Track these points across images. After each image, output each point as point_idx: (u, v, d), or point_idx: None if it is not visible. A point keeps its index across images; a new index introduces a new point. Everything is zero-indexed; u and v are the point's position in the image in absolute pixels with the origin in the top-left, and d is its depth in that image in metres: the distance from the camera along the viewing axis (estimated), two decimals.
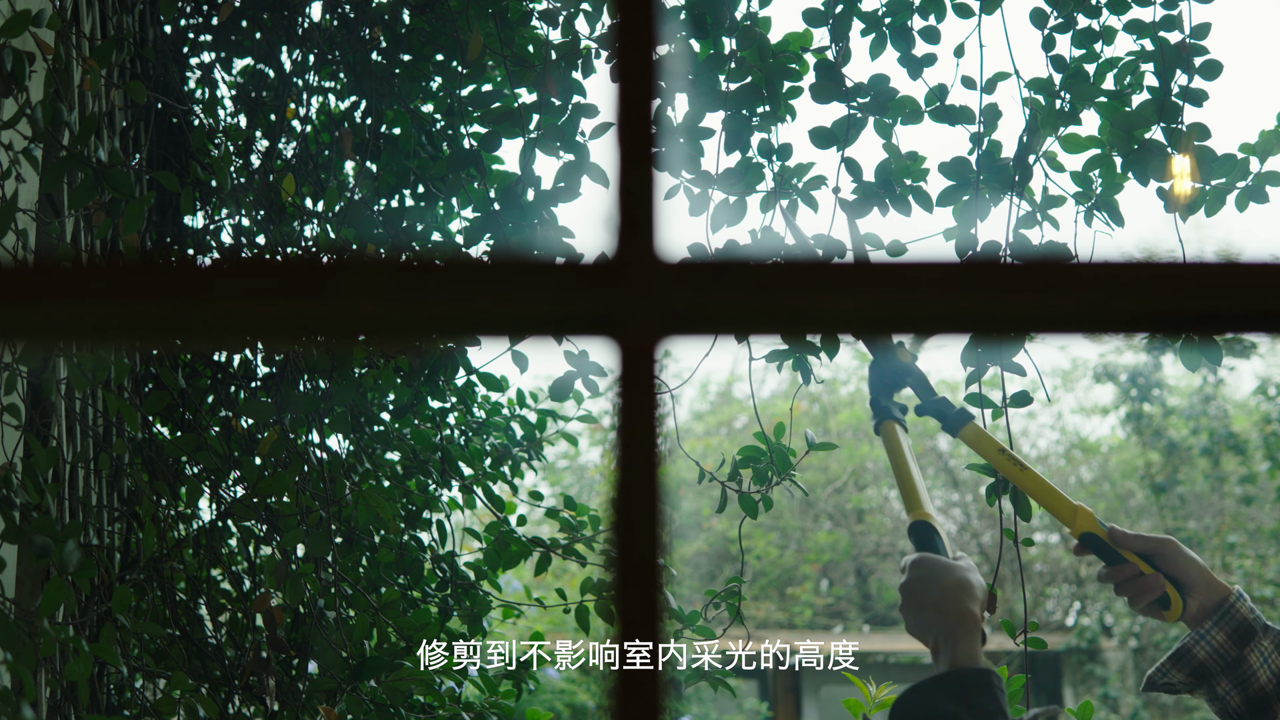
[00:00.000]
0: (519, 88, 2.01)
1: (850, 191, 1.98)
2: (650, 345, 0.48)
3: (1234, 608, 1.54)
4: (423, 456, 2.17)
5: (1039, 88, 1.98)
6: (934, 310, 0.50)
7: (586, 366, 2.02)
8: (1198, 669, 1.54)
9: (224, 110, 2.26)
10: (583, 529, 2.22)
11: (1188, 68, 1.91)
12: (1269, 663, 1.52)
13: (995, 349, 1.84)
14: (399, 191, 2.16)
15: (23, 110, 1.51)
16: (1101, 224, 1.97)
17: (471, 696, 2.10)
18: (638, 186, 0.49)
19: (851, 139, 1.98)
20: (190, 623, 1.94)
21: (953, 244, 1.98)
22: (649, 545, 0.47)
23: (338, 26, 2.12)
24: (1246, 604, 1.55)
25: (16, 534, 1.42)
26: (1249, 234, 12.49)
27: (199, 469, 1.95)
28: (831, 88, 1.98)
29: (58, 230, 1.72)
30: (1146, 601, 1.57)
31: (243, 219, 2.01)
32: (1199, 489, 10.83)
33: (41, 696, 1.60)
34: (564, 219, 2.02)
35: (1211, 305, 0.50)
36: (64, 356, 1.64)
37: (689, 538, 11.90)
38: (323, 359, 1.96)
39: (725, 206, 2.01)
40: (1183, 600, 1.56)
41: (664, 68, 1.95)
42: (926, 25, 2.02)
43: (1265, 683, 1.52)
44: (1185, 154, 1.91)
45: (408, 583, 2.13)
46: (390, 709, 1.86)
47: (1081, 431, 13.07)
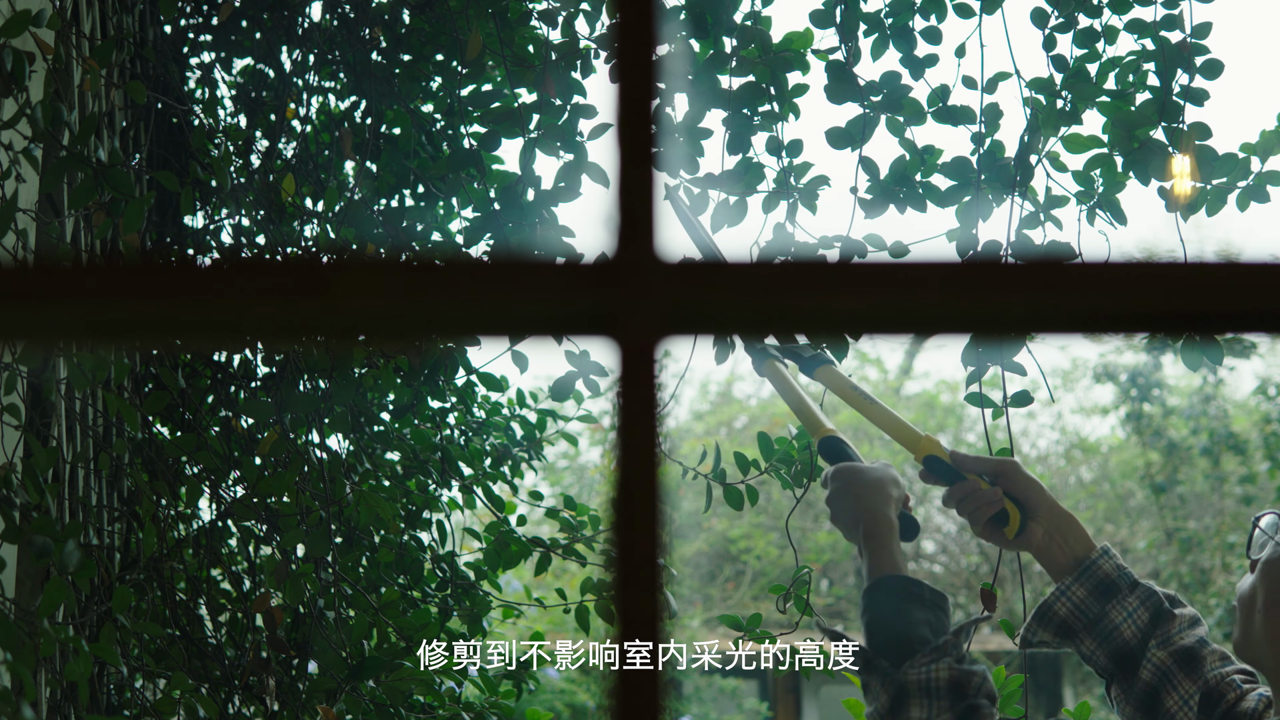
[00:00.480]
0: (519, 88, 2.01)
1: (865, 190, 1.99)
2: (650, 345, 0.48)
3: (1096, 564, 1.53)
4: (423, 456, 2.17)
5: (1040, 87, 1.98)
6: (935, 310, 0.50)
7: (588, 366, 2.02)
8: (1060, 626, 1.53)
9: (224, 110, 2.26)
10: (583, 529, 2.22)
11: (1189, 67, 1.91)
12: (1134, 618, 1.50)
13: (996, 349, 1.84)
14: (399, 191, 2.16)
15: (23, 110, 1.51)
16: (1104, 223, 1.97)
17: (471, 696, 2.10)
18: (638, 186, 0.49)
19: (866, 138, 1.99)
20: (190, 623, 1.94)
21: (954, 244, 1.98)
22: (649, 545, 0.47)
23: (338, 26, 2.12)
24: (1112, 560, 1.54)
25: (16, 534, 1.42)
26: (1249, 234, 12.49)
27: (199, 469, 1.95)
28: (846, 88, 1.98)
29: (58, 230, 1.72)
30: (986, 516, 1.56)
31: (243, 219, 2.01)
32: (1199, 489, 10.83)
33: (41, 696, 1.60)
34: (564, 219, 2.02)
35: (1211, 305, 0.50)
36: (64, 356, 1.64)
37: (689, 538, 11.90)
38: (323, 359, 1.95)
39: (725, 206, 2.01)
40: (1023, 518, 1.55)
41: (664, 68, 1.95)
42: (928, 26, 2.02)
43: (1129, 638, 1.50)
44: (1186, 153, 1.91)
45: (408, 583, 2.13)
46: (390, 709, 1.86)
47: (1081, 431, 13.06)
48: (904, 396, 13.04)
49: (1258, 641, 1.35)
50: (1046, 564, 1.56)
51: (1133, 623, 1.50)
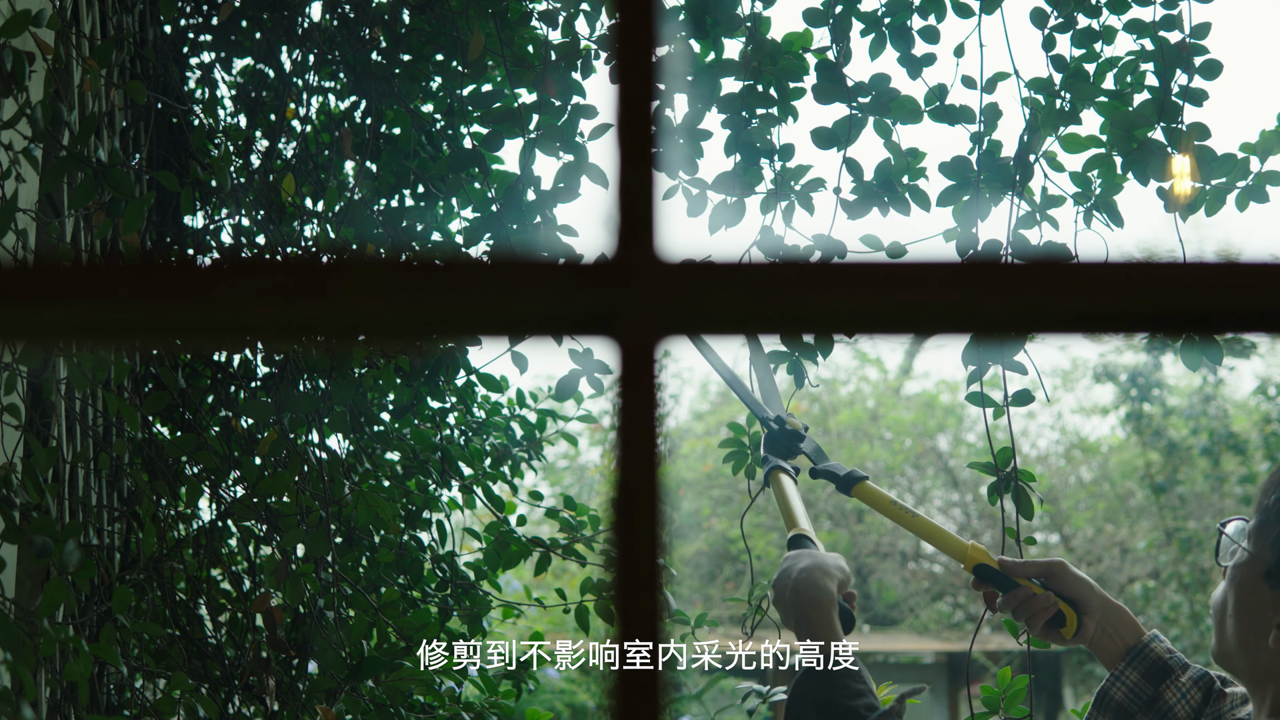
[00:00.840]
0: (519, 88, 2.01)
1: (850, 191, 1.98)
2: (650, 345, 0.48)
3: (1148, 648, 1.58)
4: (423, 456, 2.17)
5: (1039, 87, 1.98)
6: (934, 310, 0.50)
7: (591, 365, 2.02)
8: (1118, 711, 1.57)
9: (224, 110, 2.26)
10: (583, 529, 2.22)
11: (1188, 67, 1.91)
12: (1187, 698, 1.55)
13: (996, 348, 1.84)
14: (399, 191, 2.16)
15: (23, 110, 1.51)
16: (1101, 224, 1.97)
17: (471, 696, 2.10)
18: (638, 187, 0.49)
19: (852, 139, 1.99)
20: (190, 623, 1.94)
21: (953, 244, 1.98)
22: (649, 545, 0.47)
23: (338, 26, 2.12)
24: (1162, 644, 1.59)
25: (16, 534, 1.42)
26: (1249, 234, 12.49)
27: (199, 469, 1.95)
28: (834, 88, 1.98)
29: (58, 230, 1.72)
30: (1042, 620, 1.62)
31: (243, 219, 2.01)
32: (1199, 489, 10.83)
33: (41, 696, 1.60)
34: (564, 219, 2.02)
35: (1211, 305, 0.50)
36: (64, 356, 1.64)
37: (689, 538, 11.90)
38: (323, 359, 1.95)
39: (724, 207, 2.01)
40: (1078, 617, 1.60)
41: (664, 68, 1.95)
42: (926, 25, 2.02)
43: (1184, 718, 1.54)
44: (1185, 154, 1.91)
45: (408, 583, 2.13)
46: (390, 709, 1.86)
47: (1081, 431, 13.06)
48: (904, 396, 13.04)
49: (1230, 648, 1.37)
50: (1100, 654, 1.61)
51: (1186, 703, 1.54)
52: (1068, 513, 11.89)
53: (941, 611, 12.16)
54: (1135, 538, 11.53)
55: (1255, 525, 1.36)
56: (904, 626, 12.03)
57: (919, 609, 12.10)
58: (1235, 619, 1.36)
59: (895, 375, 13.25)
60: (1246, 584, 1.35)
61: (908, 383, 13.26)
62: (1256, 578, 1.34)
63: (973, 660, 6.22)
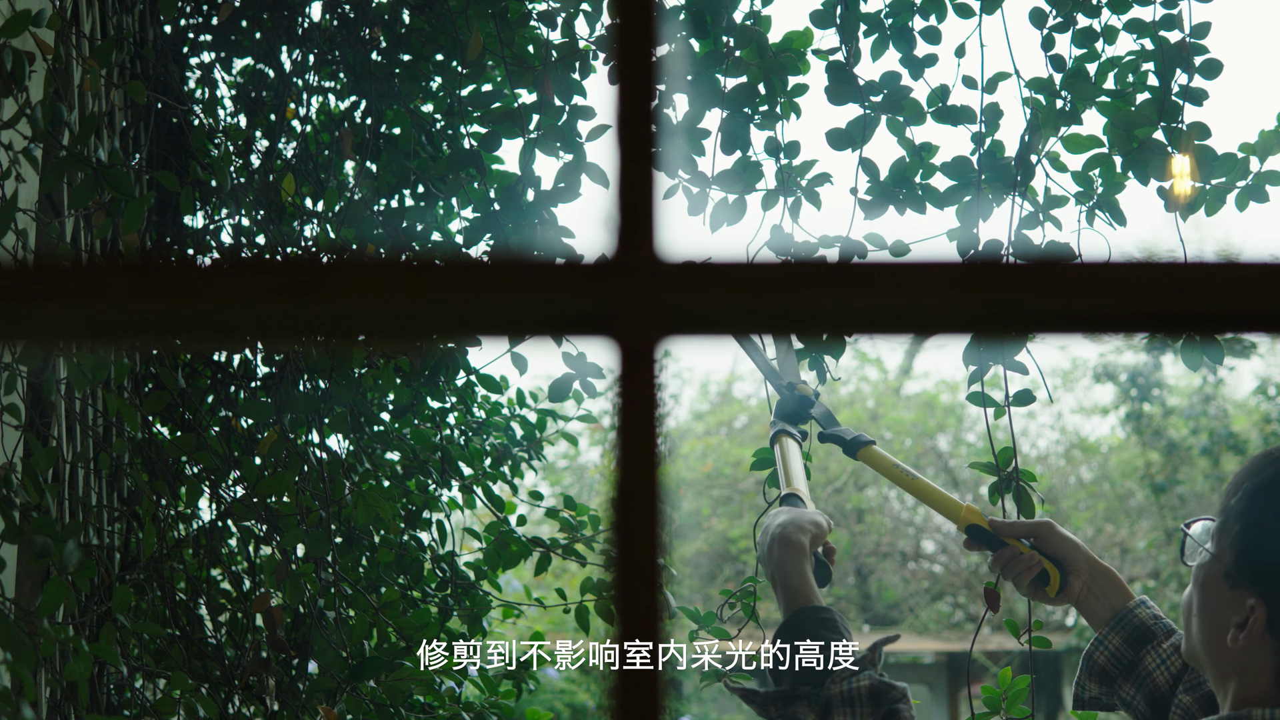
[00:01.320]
0: (519, 88, 2.01)
1: (865, 191, 1.99)
2: (650, 345, 0.48)
3: (1132, 613, 1.59)
4: (423, 456, 2.17)
5: (1040, 87, 1.98)
6: (936, 310, 0.50)
7: (585, 368, 2.02)
8: (1101, 674, 1.58)
9: (224, 110, 2.26)
10: (583, 529, 2.22)
11: (1188, 67, 1.91)
12: (1167, 665, 1.55)
13: (997, 348, 1.85)
14: (399, 191, 2.16)
15: (23, 110, 1.51)
16: (1103, 224, 1.97)
17: (471, 696, 2.10)
18: (637, 186, 0.49)
19: (866, 139, 1.99)
20: (190, 623, 1.94)
21: (955, 244, 1.98)
22: (649, 545, 0.47)
23: (338, 26, 2.12)
24: (1149, 610, 1.59)
25: (16, 534, 1.42)
26: (1249, 234, 12.49)
27: (199, 469, 1.95)
28: (847, 89, 1.99)
29: (58, 230, 1.72)
30: (1028, 580, 1.63)
31: (243, 219, 2.01)
32: (1199, 489, 10.83)
33: (41, 696, 1.60)
34: (564, 219, 2.02)
35: (1211, 305, 0.50)
36: (64, 356, 1.64)
37: (689, 538, 11.90)
38: (323, 359, 1.95)
39: (724, 206, 2.01)
40: (1062, 576, 1.62)
41: (663, 68, 1.95)
42: (927, 26, 2.02)
43: (1161, 684, 1.54)
44: (1185, 153, 1.91)
45: (408, 583, 2.13)
46: (390, 709, 1.86)
47: (1081, 431, 13.06)
48: (904, 396, 13.03)
49: (1195, 646, 1.38)
50: (1088, 616, 1.62)
51: (1165, 669, 1.55)
52: (1068, 512, 11.89)
53: (941, 611, 12.16)
54: (1135, 538, 11.53)
55: (1217, 526, 1.38)
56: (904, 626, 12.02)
57: (919, 609, 12.10)
58: (1199, 618, 1.37)
59: (895, 375, 13.25)
60: (1209, 584, 1.37)
61: (908, 383, 13.25)
62: (1217, 577, 1.35)
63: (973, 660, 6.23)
